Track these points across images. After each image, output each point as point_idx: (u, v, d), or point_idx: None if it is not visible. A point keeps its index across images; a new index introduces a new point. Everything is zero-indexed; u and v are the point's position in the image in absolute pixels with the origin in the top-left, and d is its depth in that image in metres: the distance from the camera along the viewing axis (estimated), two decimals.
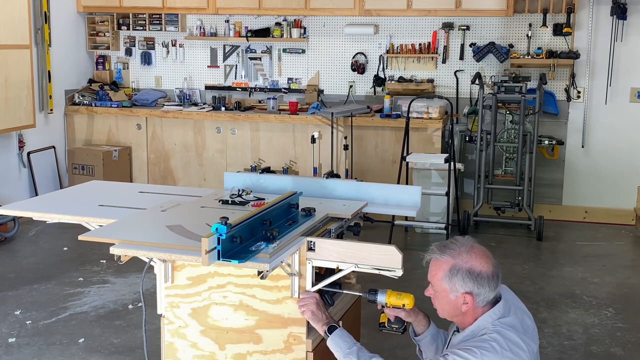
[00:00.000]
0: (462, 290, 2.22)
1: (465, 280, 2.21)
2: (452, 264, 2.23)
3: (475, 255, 2.23)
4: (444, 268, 2.24)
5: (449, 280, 2.23)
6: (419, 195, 3.13)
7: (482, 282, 2.21)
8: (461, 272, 2.21)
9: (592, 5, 6.59)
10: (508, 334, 2.18)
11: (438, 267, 2.26)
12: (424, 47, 7.02)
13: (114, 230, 2.63)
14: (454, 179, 6.16)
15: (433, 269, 2.28)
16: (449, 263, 2.23)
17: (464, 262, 2.22)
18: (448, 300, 2.26)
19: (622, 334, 4.32)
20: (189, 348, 2.81)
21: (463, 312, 2.26)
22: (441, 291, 2.26)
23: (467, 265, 2.21)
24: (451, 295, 2.24)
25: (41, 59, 6.95)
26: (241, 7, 7.13)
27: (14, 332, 4.24)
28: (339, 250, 2.53)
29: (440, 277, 2.24)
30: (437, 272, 2.26)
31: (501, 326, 2.20)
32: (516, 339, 2.18)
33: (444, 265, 2.24)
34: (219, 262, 2.29)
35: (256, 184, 3.32)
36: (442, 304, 2.29)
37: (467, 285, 2.21)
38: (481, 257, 2.23)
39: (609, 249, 6.09)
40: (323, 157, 6.71)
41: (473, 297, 2.22)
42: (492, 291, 2.23)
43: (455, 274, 2.22)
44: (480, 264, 2.22)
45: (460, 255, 2.23)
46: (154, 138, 7.34)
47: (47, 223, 3.18)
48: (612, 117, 6.76)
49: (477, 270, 2.21)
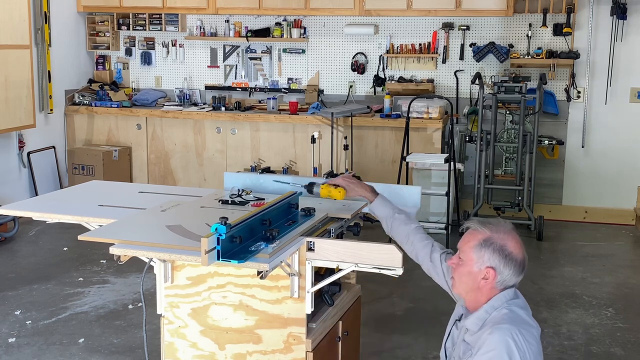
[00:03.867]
0: (488, 263, 2.25)
1: (494, 255, 2.24)
2: (488, 235, 2.27)
3: (512, 237, 2.27)
4: (478, 237, 2.27)
5: (479, 250, 2.26)
6: (419, 195, 3.13)
7: (509, 263, 2.24)
8: (493, 246, 2.25)
9: (592, 5, 6.59)
10: (519, 311, 2.24)
11: (473, 236, 2.29)
12: (424, 47, 7.02)
13: (113, 230, 2.63)
14: (454, 179, 6.17)
15: (467, 237, 2.31)
16: (485, 234, 2.27)
17: (500, 239, 2.25)
18: (470, 270, 2.27)
19: (622, 334, 4.32)
20: (189, 348, 2.81)
21: (479, 287, 2.27)
22: (467, 260, 2.28)
23: (501, 242, 2.25)
24: (475, 267, 2.26)
25: (41, 59, 6.96)
26: (241, 7, 7.13)
27: (14, 332, 4.24)
28: (338, 250, 2.53)
29: (472, 245, 2.27)
30: (470, 239, 2.29)
31: (514, 305, 2.25)
32: (526, 317, 2.24)
33: (480, 235, 2.27)
34: (218, 262, 2.29)
35: (256, 184, 3.32)
36: (462, 275, 2.31)
37: (494, 259, 2.24)
38: (517, 241, 2.28)
39: (609, 249, 6.09)
40: (323, 157, 6.71)
41: (496, 274, 2.25)
42: (514, 276, 2.26)
43: (487, 245, 2.25)
44: (514, 246, 2.26)
45: (498, 232, 2.27)
46: (154, 138, 7.35)
47: (47, 223, 3.18)
48: (612, 117, 6.76)
49: (509, 250, 2.25)
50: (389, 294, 4.89)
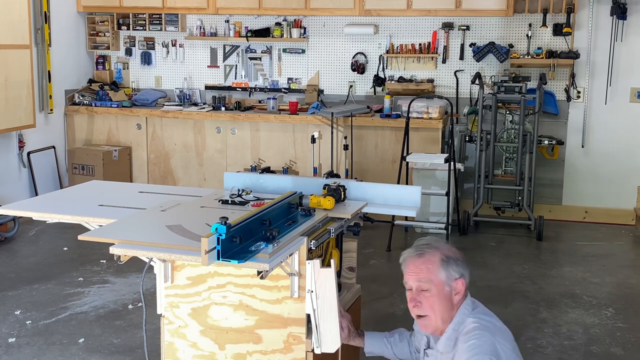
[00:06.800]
0: (456, 275, 2.27)
1: (457, 265, 2.28)
2: (440, 254, 2.28)
3: (447, 245, 2.34)
4: (435, 260, 2.28)
5: (445, 269, 2.27)
6: (419, 195, 3.13)
7: (463, 265, 2.31)
8: (452, 258, 2.28)
9: (592, 5, 6.59)
10: (486, 319, 2.27)
11: (428, 261, 2.29)
12: (424, 47, 7.02)
13: (114, 230, 2.63)
14: (454, 179, 6.17)
15: (423, 266, 2.29)
16: (437, 254, 2.28)
17: (447, 251, 2.30)
18: (443, 294, 2.27)
19: (622, 334, 4.32)
20: (189, 348, 2.81)
21: (453, 304, 2.28)
22: (437, 284, 2.27)
23: (449, 252, 2.30)
24: (446, 287, 2.26)
25: (41, 59, 6.96)
26: (241, 7, 7.13)
27: (14, 332, 4.24)
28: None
29: (436, 268, 2.27)
30: (429, 265, 2.28)
31: (479, 314, 2.28)
32: (496, 322, 2.28)
33: (434, 258, 2.28)
34: (218, 262, 2.29)
35: (256, 184, 3.32)
36: (434, 303, 2.29)
37: (458, 269, 2.28)
38: (449, 246, 2.35)
39: (609, 249, 6.09)
40: (323, 157, 6.71)
41: (464, 281, 2.28)
42: (469, 273, 2.34)
43: (447, 261, 2.28)
44: (453, 250, 2.32)
45: (440, 247, 2.31)
46: (154, 138, 7.35)
47: (47, 223, 3.18)
48: (612, 117, 6.76)
49: (458, 255, 2.31)
50: (389, 294, 4.88)
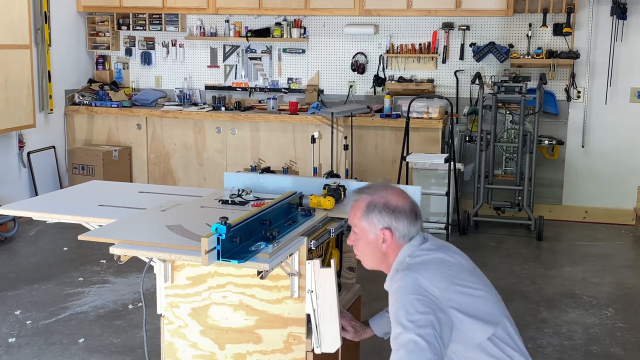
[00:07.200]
0: (380, 225, 2.25)
1: (382, 214, 2.24)
2: (368, 200, 2.28)
3: (391, 192, 2.28)
4: (361, 206, 2.28)
5: (367, 217, 2.26)
6: (419, 195, 3.13)
7: (399, 217, 2.24)
8: (378, 207, 2.25)
9: (592, 5, 6.59)
10: (425, 255, 2.22)
11: (357, 207, 2.30)
12: (424, 47, 7.02)
13: (113, 230, 2.63)
14: (454, 179, 6.17)
15: (352, 210, 2.32)
16: (366, 200, 2.28)
17: (380, 198, 2.26)
18: (368, 241, 2.28)
19: (622, 334, 4.32)
20: (189, 348, 2.81)
21: (384, 252, 2.27)
22: (361, 231, 2.29)
23: (382, 201, 2.26)
24: (370, 235, 2.27)
25: (41, 59, 6.96)
26: (241, 7, 7.13)
27: (14, 332, 4.24)
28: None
29: (360, 215, 2.28)
30: (356, 211, 2.30)
31: (422, 250, 2.24)
32: (432, 253, 2.23)
33: (362, 204, 2.28)
34: (218, 262, 2.29)
35: (256, 184, 3.32)
36: (363, 249, 2.32)
37: (384, 219, 2.24)
38: (397, 194, 2.29)
39: (609, 249, 6.09)
40: (323, 157, 6.71)
41: (392, 232, 2.24)
42: (411, 226, 2.26)
43: (372, 209, 2.25)
44: (396, 199, 2.27)
45: (376, 193, 2.28)
46: (154, 138, 7.35)
47: (47, 223, 3.18)
48: (612, 117, 6.76)
49: (393, 204, 2.25)
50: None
